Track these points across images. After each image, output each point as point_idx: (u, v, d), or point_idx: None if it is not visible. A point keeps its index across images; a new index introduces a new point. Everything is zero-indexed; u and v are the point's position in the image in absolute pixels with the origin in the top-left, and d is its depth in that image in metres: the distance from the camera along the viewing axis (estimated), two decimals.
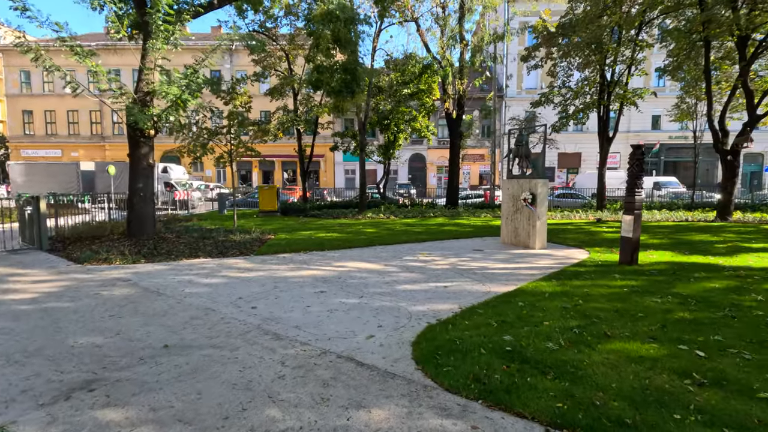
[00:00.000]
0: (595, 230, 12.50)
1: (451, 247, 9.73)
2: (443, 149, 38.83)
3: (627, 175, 7.44)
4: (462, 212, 18.34)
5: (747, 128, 14.30)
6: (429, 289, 6.12)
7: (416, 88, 20.59)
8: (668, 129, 38.62)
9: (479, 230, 12.66)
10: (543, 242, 9.53)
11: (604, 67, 17.18)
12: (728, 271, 6.96)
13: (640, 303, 5.19)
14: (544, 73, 38.22)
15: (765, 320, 4.54)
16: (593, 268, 7.30)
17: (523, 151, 9.80)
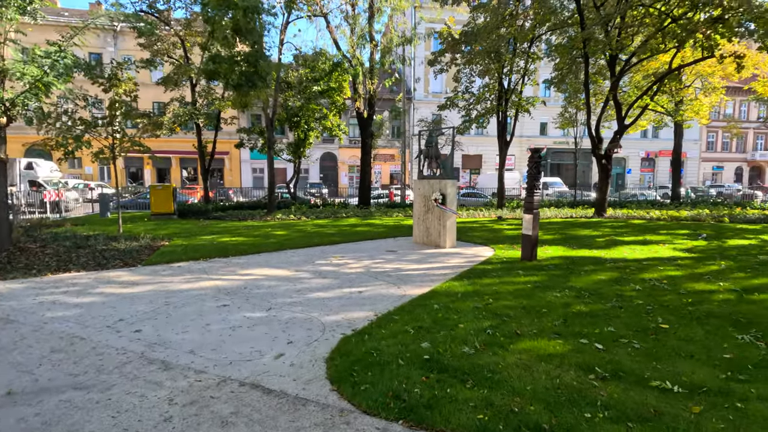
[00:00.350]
0: (497, 228, 13.32)
1: (364, 249, 9.56)
2: (355, 148, 38.85)
3: (526, 177, 7.93)
4: (374, 212, 18.38)
5: (617, 135, 16.45)
6: (343, 295, 5.82)
7: (327, 86, 20.13)
8: (553, 135, 43.23)
9: (392, 230, 12.72)
10: (453, 241, 9.82)
11: (502, 76, 18.49)
12: (609, 263, 7.78)
13: (542, 298, 5.49)
14: (450, 78, 40.36)
15: (645, 309, 5.06)
16: (499, 265, 7.65)
17: (432, 152, 10.00)
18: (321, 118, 21.42)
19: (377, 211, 18.64)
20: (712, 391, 3.08)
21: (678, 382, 3.20)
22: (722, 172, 49.01)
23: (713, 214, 16.73)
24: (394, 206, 21.37)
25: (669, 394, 3.06)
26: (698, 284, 6.21)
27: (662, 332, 4.29)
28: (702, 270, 7.19)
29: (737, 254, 8.66)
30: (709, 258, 8.24)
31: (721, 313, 4.89)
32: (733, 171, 49.45)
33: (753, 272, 6.98)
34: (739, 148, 49.27)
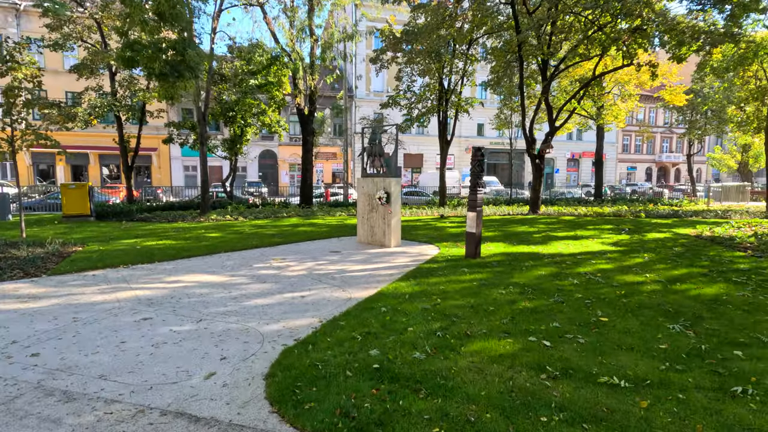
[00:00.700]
0: (440, 226, 13.45)
1: (307, 250, 9.13)
2: (296, 146, 37.76)
3: (470, 175, 7.98)
4: (317, 211, 17.88)
5: (548, 137, 17.36)
6: (284, 301, 5.42)
7: (265, 80, 19.25)
8: (490, 136, 45.09)
9: (335, 230, 12.36)
10: (398, 240, 9.70)
11: (442, 76, 18.79)
12: (547, 258, 8.06)
13: (489, 296, 5.48)
14: (391, 77, 40.55)
15: (584, 303, 5.21)
16: (444, 263, 7.61)
17: (376, 149, 9.80)
18: (259, 113, 20.46)
19: (320, 211, 18.15)
20: (654, 384, 3.15)
21: (623, 377, 3.24)
22: (635, 171, 54.05)
23: (631, 210, 18.25)
24: (338, 205, 20.97)
25: (617, 389, 3.07)
26: (628, 276, 6.57)
27: (603, 326, 4.40)
28: (629, 263, 7.66)
29: (656, 247, 9.40)
30: (633, 251, 8.84)
31: (651, 303, 5.16)
32: (644, 171, 54.73)
33: (672, 263, 7.56)
34: (648, 150, 54.59)
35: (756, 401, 2.90)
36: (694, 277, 6.50)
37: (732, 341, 3.96)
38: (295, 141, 38.12)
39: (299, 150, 35.76)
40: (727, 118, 24.84)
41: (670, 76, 24.00)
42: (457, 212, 17.76)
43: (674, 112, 36.28)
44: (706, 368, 3.40)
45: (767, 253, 8.64)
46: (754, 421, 2.66)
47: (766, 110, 18.28)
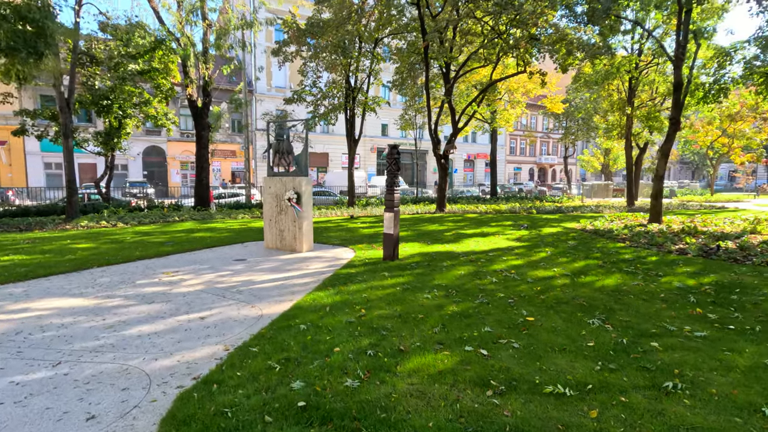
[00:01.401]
0: (352, 227, 13.03)
1: (205, 260, 7.98)
2: (188, 142, 34.28)
3: (387, 174, 7.66)
4: (215, 214, 16.20)
5: (452, 138, 18.04)
6: (178, 326, 4.47)
7: (148, 66, 16.88)
8: (393, 136, 46.11)
9: (239, 235, 11.18)
10: (310, 244, 9.02)
11: (349, 73, 18.40)
12: (463, 257, 8.11)
13: (415, 302, 5.17)
14: (294, 73, 39.03)
15: (507, 302, 5.18)
16: (363, 268, 7.18)
17: (284, 146, 8.99)
18: (142, 103, 17.92)
19: (219, 213, 16.49)
20: (596, 388, 3.06)
21: (566, 383, 3.11)
22: (521, 172, 59.94)
23: (523, 207, 19.90)
24: (239, 207, 19.34)
25: (564, 399, 2.92)
26: (539, 272, 6.83)
27: (531, 326, 4.35)
28: (535, 258, 8.04)
29: (553, 241, 10.14)
30: (536, 246, 9.39)
31: (566, 298, 5.33)
32: (528, 171, 60.94)
33: (571, 257, 8.12)
34: (531, 152, 60.92)
35: (687, 396, 2.95)
36: (593, 269, 6.99)
37: (645, 333, 4.15)
38: (188, 136, 34.64)
39: (192, 146, 32.61)
40: (594, 125, 28.59)
41: (551, 86, 26.83)
42: (367, 212, 17.55)
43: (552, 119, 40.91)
44: (634, 364, 3.45)
45: (641, 242, 9.85)
46: (694, 419, 2.67)
47: (625, 119, 21.30)
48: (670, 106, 21.75)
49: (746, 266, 7.20)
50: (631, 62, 18.62)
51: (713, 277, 6.39)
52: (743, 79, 14.98)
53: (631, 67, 18.96)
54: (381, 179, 38.00)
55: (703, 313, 4.74)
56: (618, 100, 21.33)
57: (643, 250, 8.92)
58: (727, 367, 3.38)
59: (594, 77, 19.92)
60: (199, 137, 18.04)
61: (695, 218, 14.85)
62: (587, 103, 25.60)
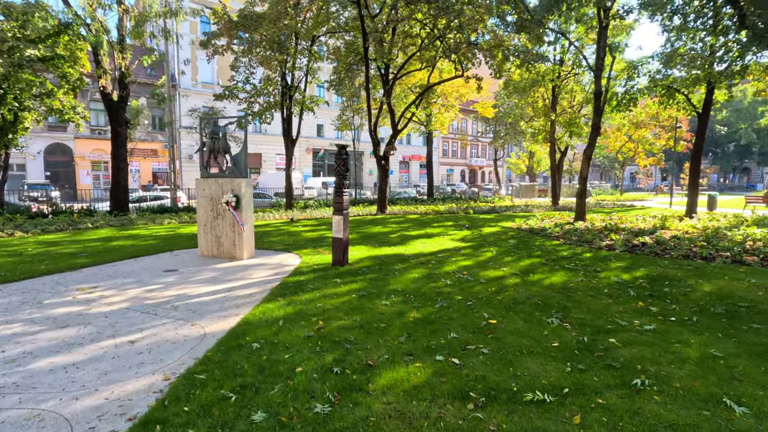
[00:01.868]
0: (294, 230, 12.44)
1: (129, 272, 7.06)
2: (100, 140, 30.96)
3: (335, 175, 7.33)
4: (137, 219, 14.65)
5: (392, 139, 18.06)
6: (102, 353, 3.80)
7: (51, 52, 14.83)
8: (329, 137, 45.53)
9: (167, 242, 10.13)
10: (251, 250, 8.39)
11: (285, 70, 17.67)
12: (413, 259, 8.01)
13: (374, 310, 4.92)
14: (222, 67, 36.90)
15: (467, 305, 5.13)
16: (312, 275, 6.78)
17: (220, 145, 8.27)
18: (44, 95, 15.72)
19: (141, 219, 14.94)
20: (572, 391, 3.04)
21: (543, 389, 3.06)
22: (453, 173, 62.21)
23: (461, 208, 20.51)
24: (164, 211, 17.72)
25: (545, 406, 2.84)
26: (489, 272, 6.91)
27: (495, 329, 4.30)
28: (483, 258, 8.18)
29: (495, 240, 10.45)
30: (481, 246, 9.59)
31: (521, 298, 5.40)
32: (459, 173, 63.43)
33: (516, 255, 8.38)
34: (462, 155, 63.49)
35: (656, 392, 3.02)
36: (539, 268, 7.24)
37: (601, 329, 4.29)
38: (100, 133, 31.30)
39: (105, 144, 29.70)
40: (521, 130, 30.41)
41: (482, 92, 28.06)
42: (308, 215, 16.97)
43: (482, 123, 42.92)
44: (600, 363, 3.50)
45: (572, 240, 10.49)
46: (668, 416, 2.72)
47: (549, 125, 22.84)
48: (589, 113, 23.80)
49: (667, 259, 7.90)
50: (554, 71, 20.01)
51: (643, 271, 6.91)
52: (648, 90, 16.74)
53: (554, 76, 20.39)
54: (317, 180, 37.24)
55: (645, 306, 5.04)
56: (543, 106, 22.83)
57: (577, 247, 9.48)
58: (682, 360, 3.56)
59: (522, 84, 21.13)
60: (116, 134, 16.24)
61: (613, 216, 16.26)
62: (515, 108, 27.13)
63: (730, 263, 7.54)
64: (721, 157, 64.47)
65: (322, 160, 46.46)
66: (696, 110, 16.18)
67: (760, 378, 3.22)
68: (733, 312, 4.82)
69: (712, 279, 6.36)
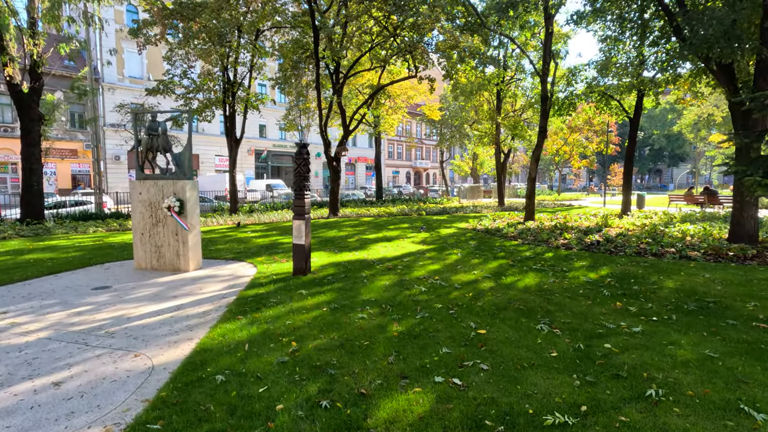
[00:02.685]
0: (243, 236, 11.51)
1: (49, 291, 5.95)
2: (7, 138, 27.28)
3: (295, 176, 6.73)
4: (55, 228, 12.84)
5: (343, 140, 17.54)
6: (17, 403, 2.98)
7: None
8: (272, 137, 43.92)
9: (95, 254, 8.85)
10: (199, 261, 7.50)
11: (227, 65, 16.52)
12: (378, 264, 7.60)
13: (351, 325, 4.44)
14: (152, 61, 34.13)
15: (449, 313, 4.80)
16: (273, 286, 6.12)
17: (159, 143, 7.31)
18: None
19: (59, 227, 13.13)
20: (590, 409, 2.79)
21: (560, 409, 2.78)
22: (398, 175, 62.70)
23: (412, 209, 20.44)
24: (88, 218, 15.80)
25: (570, 430, 2.55)
26: (460, 276, 6.68)
27: (486, 340, 4.01)
28: (450, 261, 7.96)
29: (456, 242, 10.33)
30: (443, 248, 9.39)
31: (502, 303, 5.19)
32: (405, 175, 64.08)
33: (481, 257, 8.25)
34: (407, 157, 64.21)
35: (672, 402, 2.86)
36: (508, 269, 7.13)
37: (592, 334, 4.15)
38: (6, 131, 27.63)
39: (11, 143, 26.57)
40: (466, 132, 31.15)
41: (428, 95, 28.35)
42: (254, 219, 15.95)
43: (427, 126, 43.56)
44: (606, 373, 3.31)
45: (528, 239, 10.65)
46: (693, 429, 2.54)
47: (494, 127, 23.53)
48: (530, 117, 24.83)
49: (623, 257, 8.18)
50: (499, 75, 20.61)
51: (607, 269, 7.04)
52: (585, 96, 17.72)
53: (500, 80, 21.01)
54: (260, 183, 35.66)
55: (624, 306, 5.03)
56: (488, 109, 23.46)
57: (536, 246, 9.60)
58: (683, 364, 3.46)
59: (468, 87, 21.53)
60: (27, 131, 14.19)
61: (557, 215, 16.98)
62: (461, 111, 27.71)
63: (678, 258, 7.95)
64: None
65: (265, 161, 44.64)
66: (628, 115, 17.38)
67: (762, 379, 3.19)
68: (705, 308, 4.94)
69: (671, 275, 6.60)
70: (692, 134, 38.65)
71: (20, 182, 15.16)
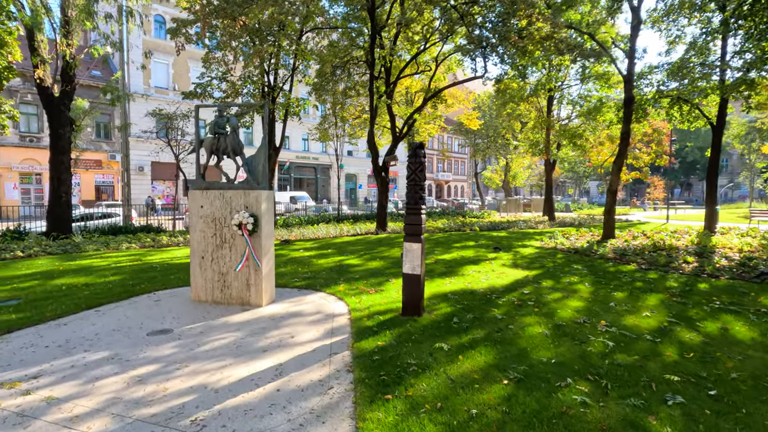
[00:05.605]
0: (298, 255, 9.94)
1: (93, 337, 4.43)
2: (33, 148, 26.54)
3: (408, 184, 5.17)
4: (85, 244, 11.48)
5: (393, 147, 16.04)
6: None
7: None
8: (295, 149, 42.96)
9: (137, 278, 7.36)
10: (272, 292, 5.95)
11: (269, 67, 15.25)
12: (496, 298, 5.94)
13: (577, 419, 2.80)
14: (178, 71, 33.43)
15: (707, 392, 3.12)
16: (390, 334, 4.50)
17: (228, 143, 5.85)
18: None
19: (89, 242, 11.79)
20: None
21: None
22: None
23: (466, 224, 18.69)
24: (117, 231, 14.50)
25: None
26: (631, 319, 4.98)
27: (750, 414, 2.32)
28: (583, 293, 6.26)
29: (555, 265, 8.61)
30: (552, 274, 7.70)
31: (756, 372, 3.49)
32: (427, 187, 62.60)
33: (616, 288, 6.53)
34: (429, 169, 62.72)
35: None
36: (682, 310, 5.40)
37: None
38: (32, 140, 26.90)
39: (38, 154, 25.72)
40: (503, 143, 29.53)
41: (466, 103, 26.89)
42: (297, 234, 14.45)
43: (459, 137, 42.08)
44: None
45: (638, 261, 8.89)
46: None
47: (543, 135, 21.84)
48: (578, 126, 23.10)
49: None
50: (555, 79, 19.03)
51: None
52: (654, 102, 15.99)
53: (553, 85, 19.44)
54: (284, 195, 34.47)
55: None
56: (536, 116, 21.84)
57: (667, 273, 7.83)
58: None
59: (519, 93, 19.98)
60: (57, 137, 13.01)
61: (631, 232, 15.14)
62: (507, 119, 26.11)
63: None
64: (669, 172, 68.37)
65: (288, 173, 43.56)
66: (710, 122, 15.60)
67: None
68: None
69: None
70: (743, 145, 36.34)
71: (46, 193, 13.98)
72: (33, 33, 12.52)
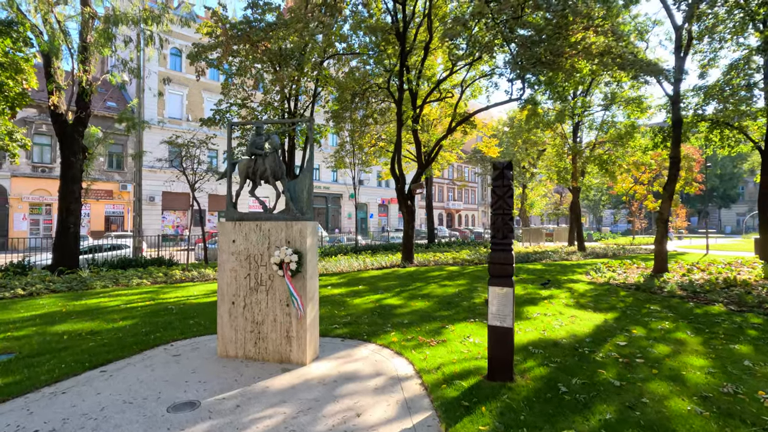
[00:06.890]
0: (329, 293, 8.88)
1: (98, 413, 3.37)
2: (44, 179, 26.10)
3: (493, 213, 4.18)
4: (92, 280, 10.51)
5: (418, 175, 15.21)
6: None
7: None
8: None
9: (151, 323, 6.31)
10: (316, 346, 4.88)
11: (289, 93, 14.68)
12: (588, 351, 4.83)
13: None
14: (192, 101, 33.46)
15: None
16: (488, 414, 3.40)
17: (267, 166, 4.95)
18: None
19: (97, 277, 10.83)
20: None
21: None
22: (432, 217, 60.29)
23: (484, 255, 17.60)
24: (126, 265, 13.57)
25: None
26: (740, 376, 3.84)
27: None
28: (695, 346, 5.11)
29: (627, 306, 7.47)
30: (632, 319, 6.56)
31: None
32: (437, 217, 61.61)
33: (731, 340, 5.38)
34: (440, 198, 62.00)
35: None
36: None
37: None
38: (43, 171, 26.51)
39: (49, 184, 25.24)
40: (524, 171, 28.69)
41: (485, 129, 26.29)
42: (319, 267, 13.41)
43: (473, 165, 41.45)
44: None
45: (724, 301, 7.72)
46: None
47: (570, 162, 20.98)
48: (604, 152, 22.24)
49: None
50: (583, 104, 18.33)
51: None
52: (690, 126, 15.14)
53: (580, 110, 18.73)
54: None
55: None
56: (563, 143, 21.05)
57: (762, 317, 6.67)
58: None
59: (545, 120, 19.26)
60: (68, 165, 12.32)
61: (681, 263, 13.93)
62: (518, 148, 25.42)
63: None
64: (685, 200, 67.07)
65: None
66: (757, 146, 14.66)
67: None
68: None
69: None
70: None
71: (54, 223, 13.16)
72: (50, 59, 12.06)
